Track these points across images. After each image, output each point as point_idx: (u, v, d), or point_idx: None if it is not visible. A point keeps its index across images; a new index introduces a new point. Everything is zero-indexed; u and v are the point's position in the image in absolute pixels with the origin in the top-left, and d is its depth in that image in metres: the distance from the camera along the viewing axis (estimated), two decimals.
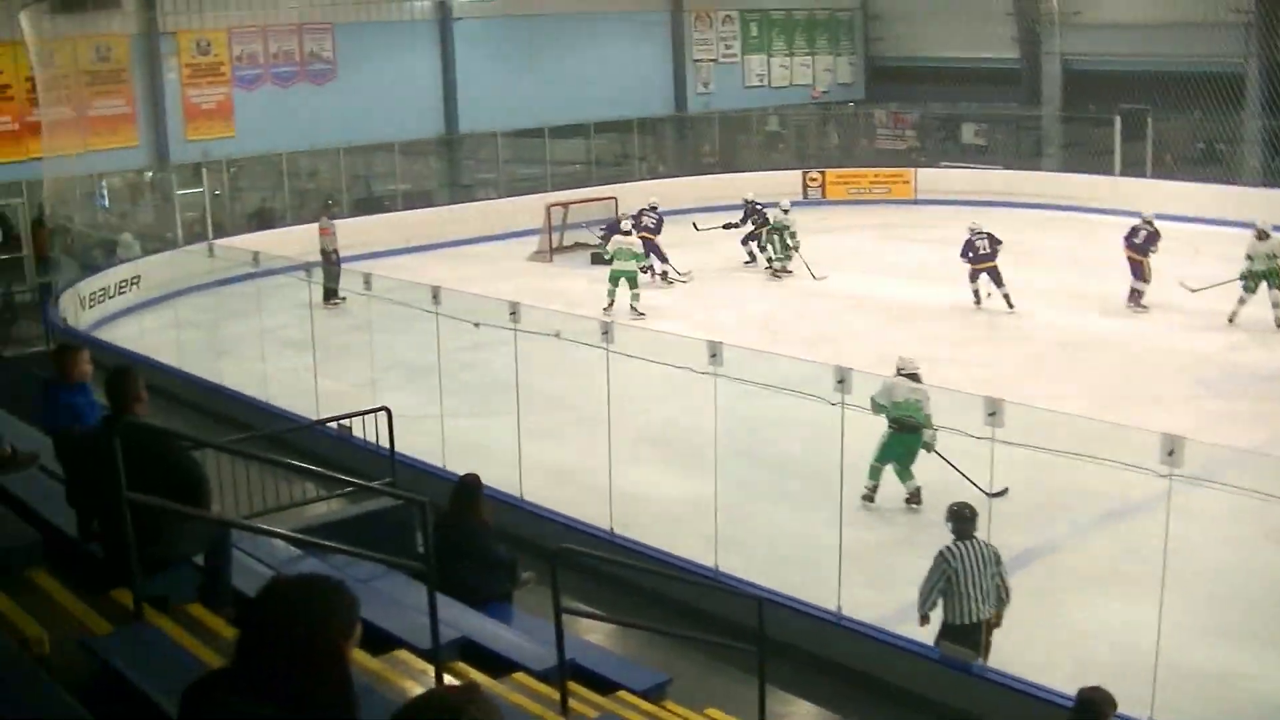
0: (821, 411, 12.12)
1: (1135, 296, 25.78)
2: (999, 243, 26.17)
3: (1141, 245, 25.91)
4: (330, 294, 25.89)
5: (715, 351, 12.53)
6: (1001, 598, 11.11)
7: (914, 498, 15.21)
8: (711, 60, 45.59)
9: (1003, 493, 13.30)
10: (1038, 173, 39.97)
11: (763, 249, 30.40)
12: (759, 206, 31.51)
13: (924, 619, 11.16)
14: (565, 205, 33.59)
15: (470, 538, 10.44)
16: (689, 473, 15.35)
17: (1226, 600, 13.06)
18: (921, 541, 14.51)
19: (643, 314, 25.96)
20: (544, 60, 39.86)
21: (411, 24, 37.84)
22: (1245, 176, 37.93)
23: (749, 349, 14.90)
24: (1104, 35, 42.06)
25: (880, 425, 15.05)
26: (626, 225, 28.25)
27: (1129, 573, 12.70)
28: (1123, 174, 38.28)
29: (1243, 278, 24.12)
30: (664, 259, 29.32)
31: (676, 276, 29.26)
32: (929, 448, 15.00)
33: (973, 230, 26.51)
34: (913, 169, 41.06)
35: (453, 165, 39.82)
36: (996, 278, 26.00)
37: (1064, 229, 32.18)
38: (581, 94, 39.99)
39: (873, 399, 14.54)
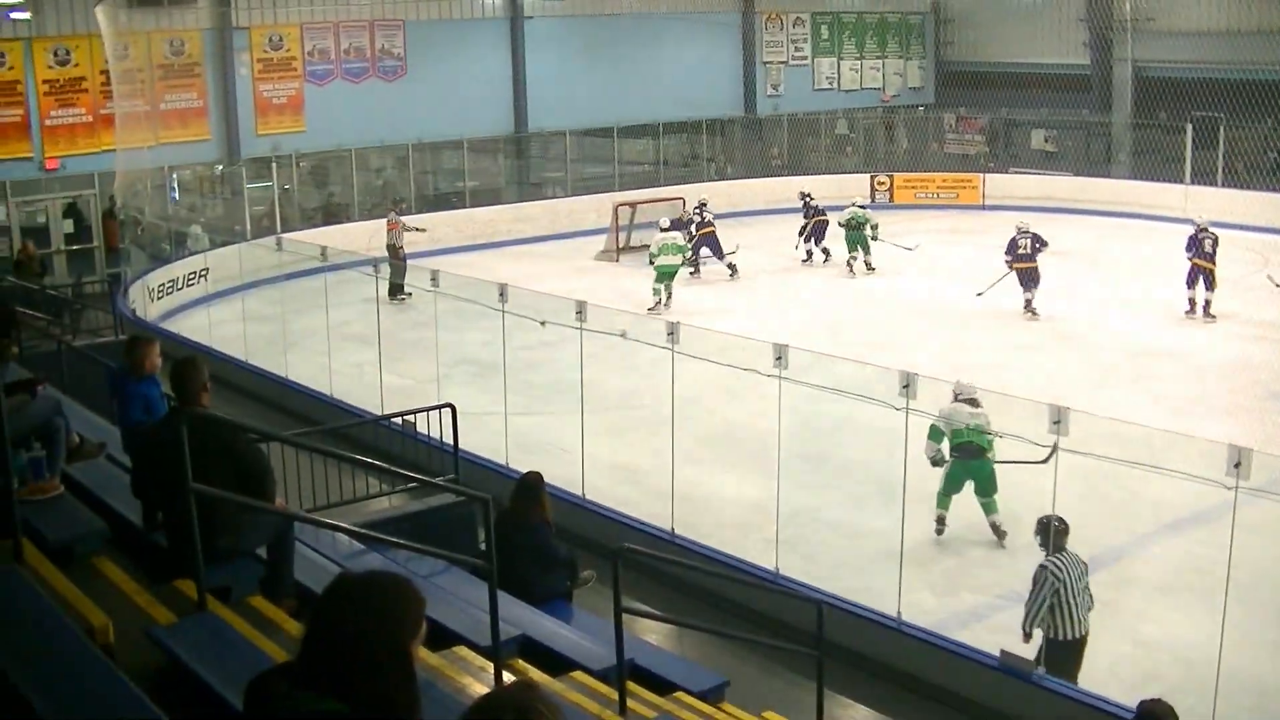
0: (886, 416, 12.08)
1: (1207, 306, 25.51)
2: (1043, 244, 26.08)
3: (1211, 253, 25.59)
4: (396, 290, 26.00)
5: (780, 354, 12.49)
6: (1089, 606, 10.99)
7: (998, 530, 14.51)
8: (782, 62, 45.61)
9: (1053, 452, 13.18)
10: (1107, 180, 39.75)
11: (850, 250, 30.47)
12: (815, 203, 31.67)
13: (1028, 635, 10.96)
14: (633, 205, 33.59)
15: (531, 536, 10.46)
16: (751, 475, 15.33)
17: None
18: (981, 548, 14.50)
19: (667, 308, 26.22)
20: (613, 60, 39.95)
21: (482, 22, 38.02)
22: None
23: (814, 352, 14.86)
24: (1176, 42, 41.72)
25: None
26: (665, 222, 28.69)
27: (1192, 584, 12.59)
28: (1193, 182, 37.93)
29: None
30: (720, 254, 29.62)
31: (732, 258, 29.75)
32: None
33: (1019, 229, 26.46)
34: (981, 174, 40.87)
35: (521, 163, 39.93)
36: (1034, 279, 25.91)
37: (1134, 237, 31.94)
38: (650, 94, 40.07)
39: (932, 427, 14.06)
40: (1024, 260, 26.01)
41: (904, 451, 12.08)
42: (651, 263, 27.32)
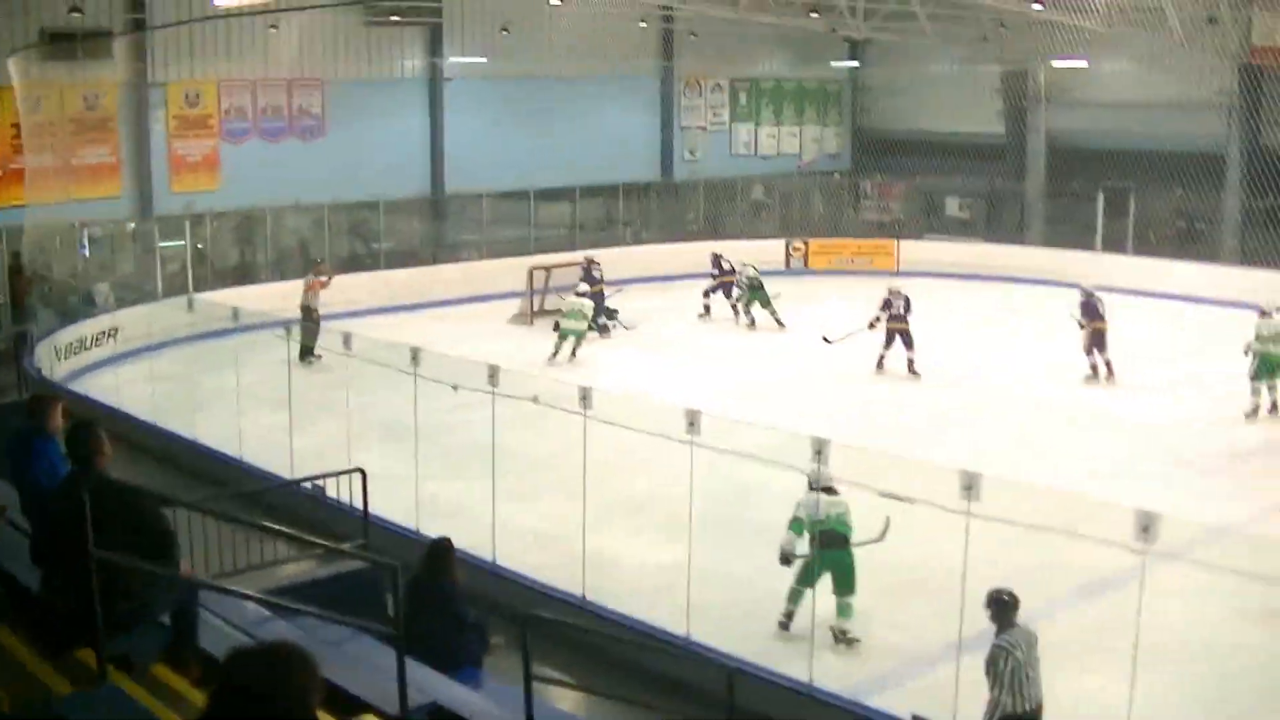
0: (799, 481, 12.09)
1: (1109, 366, 26.05)
2: (910, 309, 26.82)
3: (1103, 315, 26.37)
4: (306, 352, 25.75)
5: (693, 420, 12.50)
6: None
7: (846, 638, 13.77)
8: (700, 127, 45.79)
9: (885, 530, 13.25)
10: (1021, 246, 40.15)
11: (745, 307, 31.57)
12: (725, 263, 32.70)
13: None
14: (548, 269, 33.57)
15: (442, 601, 10.37)
16: (665, 540, 15.29)
17: (1201, 677, 13.05)
18: (895, 611, 14.51)
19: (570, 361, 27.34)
20: (532, 123, 39.92)
21: (402, 82, 37.95)
22: (1224, 255, 38.25)
23: (726, 418, 14.87)
24: (1089, 113, 42.41)
25: None
26: (582, 286, 29.32)
27: (1104, 648, 12.64)
28: (1104, 250, 38.49)
29: (1254, 364, 23.62)
30: (608, 314, 30.34)
31: (620, 324, 30.34)
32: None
33: (891, 290, 27.16)
34: (896, 240, 41.20)
35: (438, 225, 39.79)
36: (907, 341, 26.54)
37: (1045, 303, 32.18)
38: (569, 157, 40.09)
39: (794, 519, 13.64)
40: (897, 320, 26.69)
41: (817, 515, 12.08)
42: (556, 327, 27.78)
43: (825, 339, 26.94)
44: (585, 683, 11.41)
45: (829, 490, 13.57)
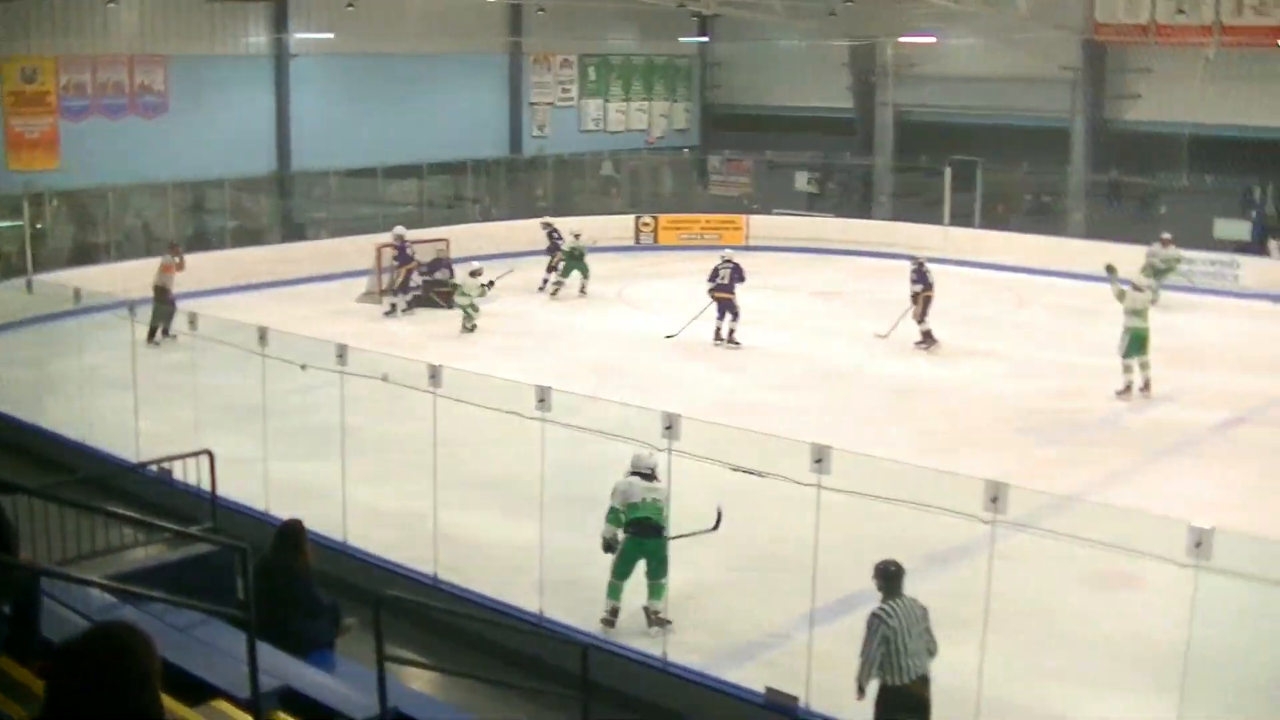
0: (650, 457, 12.15)
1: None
2: (742, 277, 27.03)
3: (931, 284, 26.96)
4: (154, 332, 25.36)
5: (543, 396, 12.50)
6: (931, 651, 10.78)
7: (658, 619, 13.56)
8: (548, 104, 45.70)
9: (719, 519, 13.40)
10: (869, 221, 40.62)
11: (561, 274, 32.69)
12: (555, 232, 33.49)
13: (862, 691, 10.58)
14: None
15: (293, 583, 10.29)
16: (518, 518, 15.24)
17: (1048, 642, 13.32)
18: (750, 583, 14.64)
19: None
20: (380, 100, 39.64)
21: (247, 59, 37.41)
22: (1070, 229, 39.02)
23: (578, 394, 14.90)
24: (937, 88, 43.07)
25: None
26: (475, 266, 29.62)
27: (956, 617, 12.82)
28: (952, 224, 39.05)
29: (1124, 341, 23.48)
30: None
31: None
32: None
33: (723, 258, 27.59)
34: (745, 216, 41.45)
35: (285, 203, 39.34)
36: (733, 310, 26.85)
37: (894, 277, 32.55)
38: (417, 135, 39.81)
39: (611, 509, 13.56)
40: (723, 290, 26.86)
41: (668, 491, 12.14)
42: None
43: (668, 336, 26.97)
44: (439, 662, 11.37)
45: (648, 475, 13.52)
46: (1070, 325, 29.34)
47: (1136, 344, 23.18)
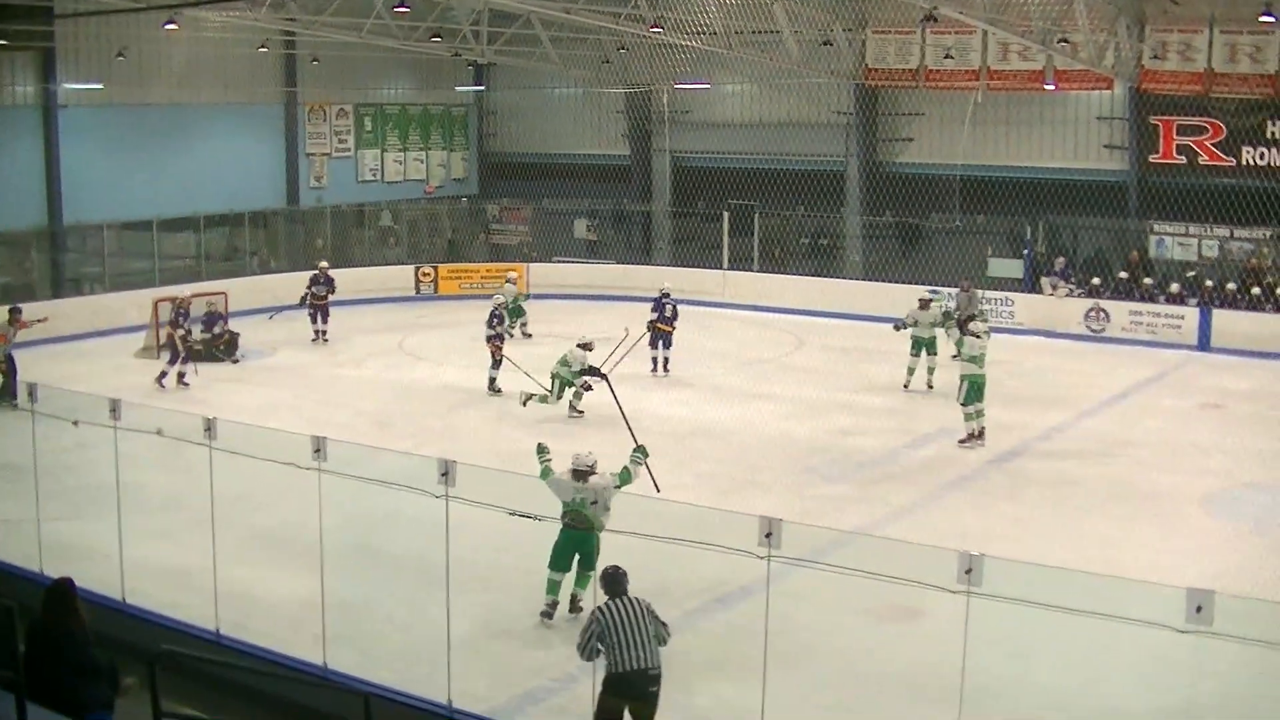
0: (432, 506, 12.17)
1: (665, 364, 28.49)
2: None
3: (671, 318, 28.80)
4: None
5: (319, 447, 12.46)
6: (663, 638, 11.49)
7: (577, 606, 14.82)
8: (325, 154, 45.39)
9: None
10: (649, 266, 41.04)
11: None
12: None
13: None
14: (174, 300, 32.79)
15: (65, 644, 10.11)
16: (300, 571, 15.14)
17: (830, 676, 13.57)
18: (534, 628, 14.71)
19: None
20: (154, 151, 39.07)
21: (13, 109, 36.54)
22: (847, 270, 39.91)
23: (355, 444, 14.88)
24: (712, 134, 43.80)
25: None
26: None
27: (738, 655, 13.07)
28: (731, 268, 39.65)
29: (962, 389, 23.59)
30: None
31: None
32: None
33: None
34: (525, 264, 41.59)
35: (56, 258, 38.44)
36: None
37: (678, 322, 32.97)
38: (193, 186, 39.25)
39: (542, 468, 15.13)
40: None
41: (445, 539, 12.16)
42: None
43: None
44: (221, 718, 11.26)
45: (583, 475, 14.77)
46: (849, 365, 29.97)
47: (974, 391, 23.33)
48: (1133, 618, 9.51)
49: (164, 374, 27.87)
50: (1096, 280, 35.39)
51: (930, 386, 27.13)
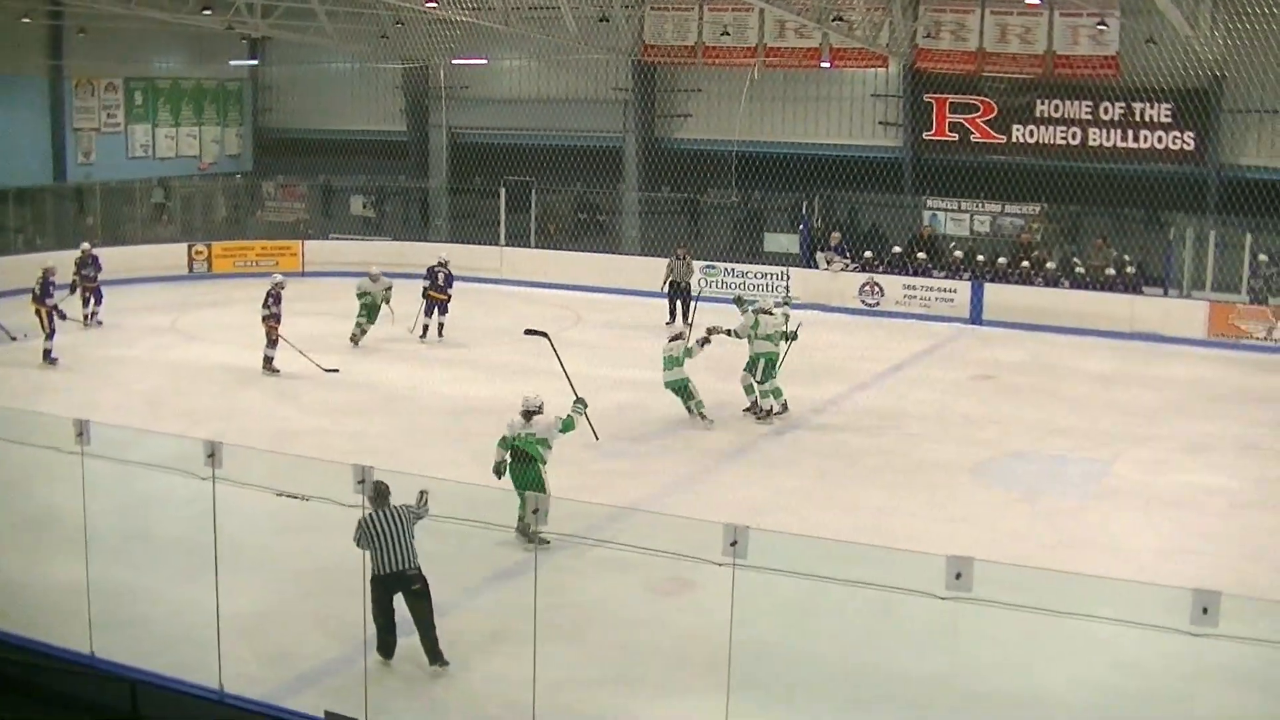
0: (201, 488, 11.92)
1: (440, 329, 29.47)
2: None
3: (444, 285, 29.60)
4: None
5: (81, 430, 12.12)
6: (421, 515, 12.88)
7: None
8: (94, 129, 44.23)
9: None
10: (426, 243, 40.74)
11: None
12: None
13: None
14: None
15: None
16: (68, 558, 14.76)
17: (607, 650, 13.59)
18: (306, 609, 14.50)
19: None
20: None
21: None
22: (625, 246, 40.12)
23: (122, 427, 14.53)
24: (490, 109, 43.73)
25: None
26: None
27: (515, 631, 13.02)
28: (508, 244, 39.58)
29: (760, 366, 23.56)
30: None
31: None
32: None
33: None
34: (301, 241, 40.95)
35: None
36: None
37: (453, 299, 32.75)
38: None
39: (502, 438, 16.59)
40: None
41: (214, 522, 11.93)
42: None
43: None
44: None
45: (527, 415, 16.68)
46: (628, 340, 30.10)
47: (769, 368, 23.47)
48: (898, 585, 9.71)
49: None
50: (869, 254, 36.00)
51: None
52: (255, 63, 48.79)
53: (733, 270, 36.12)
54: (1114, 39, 34.66)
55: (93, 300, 31.51)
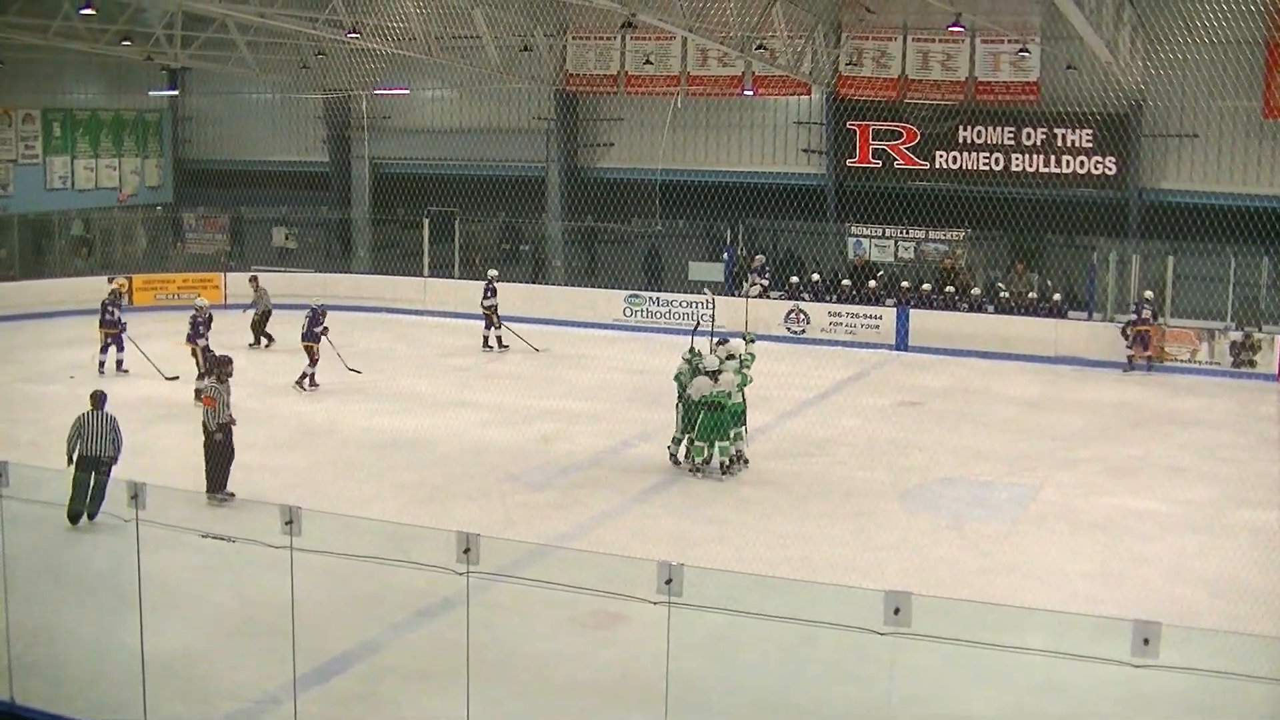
0: (124, 528, 11.71)
1: (312, 379, 27.98)
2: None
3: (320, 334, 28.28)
4: None
5: (1, 472, 11.88)
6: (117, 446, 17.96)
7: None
8: (11, 160, 43.71)
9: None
10: (349, 275, 40.58)
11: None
12: None
13: (70, 458, 17.42)
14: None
15: None
16: None
17: (536, 687, 13.43)
18: (232, 650, 14.28)
19: None
20: None
21: None
22: (550, 275, 40.15)
23: (39, 467, 14.28)
24: (412, 140, 43.67)
25: None
26: None
27: (445, 666, 12.86)
28: (432, 275, 39.38)
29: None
30: None
31: None
32: None
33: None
34: (222, 273, 40.56)
35: None
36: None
37: (376, 330, 32.58)
38: None
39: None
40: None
41: (137, 560, 11.72)
42: None
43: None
44: None
45: (714, 375, 20.94)
46: (553, 371, 29.99)
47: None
48: (827, 621, 9.65)
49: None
50: (795, 279, 36.08)
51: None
52: (175, 93, 48.47)
53: (657, 300, 36.08)
54: (1035, 65, 35.03)
55: (114, 347, 30.33)
